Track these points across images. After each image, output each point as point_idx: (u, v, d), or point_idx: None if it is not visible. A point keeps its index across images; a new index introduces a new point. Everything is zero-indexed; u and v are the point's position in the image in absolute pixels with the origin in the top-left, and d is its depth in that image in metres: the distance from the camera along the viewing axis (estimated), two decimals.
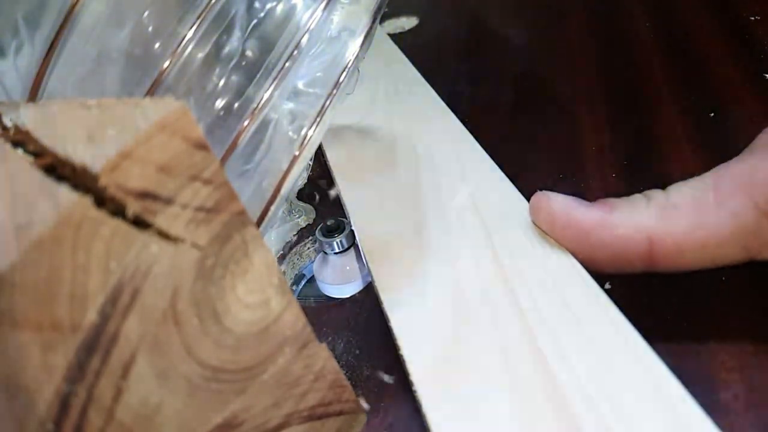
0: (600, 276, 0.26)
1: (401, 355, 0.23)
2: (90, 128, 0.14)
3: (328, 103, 0.27)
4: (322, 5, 0.26)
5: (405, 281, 0.25)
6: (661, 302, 0.25)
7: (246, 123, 0.25)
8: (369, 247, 0.28)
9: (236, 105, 0.26)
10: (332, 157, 0.35)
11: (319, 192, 0.36)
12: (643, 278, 0.26)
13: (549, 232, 0.25)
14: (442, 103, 0.38)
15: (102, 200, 0.14)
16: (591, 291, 0.23)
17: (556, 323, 0.21)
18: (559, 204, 0.24)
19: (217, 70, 0.26)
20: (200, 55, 0.26)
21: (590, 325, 0.21)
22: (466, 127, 0.35)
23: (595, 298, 0.22)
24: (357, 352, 0.26)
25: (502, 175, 0.30)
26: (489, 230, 0.27)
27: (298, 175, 0.28)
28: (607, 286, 0.26)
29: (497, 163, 0.32)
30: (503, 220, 0.27)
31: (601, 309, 0.22)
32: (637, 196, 0.24)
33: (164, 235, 0.15)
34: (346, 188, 0.32)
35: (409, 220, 0.29)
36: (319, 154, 0.36)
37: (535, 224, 0.26)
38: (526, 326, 0.21)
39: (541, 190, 0.26)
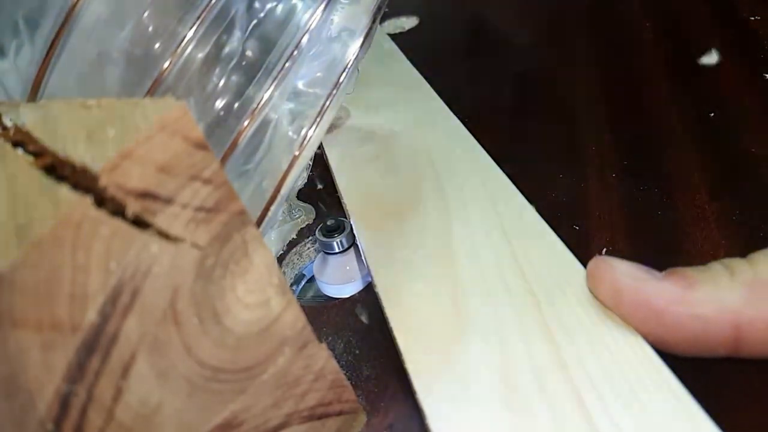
0: None
1: (401, 355, 0.23)
2: (90, 128, 0.14)
3: (328, 103, 0.27)
4: (322, 5, 0.26)
5: (443, 368, 0.21)
6: None
7: (246, 123, 0.25)
8: (396, 317, 0.24)
9: (236, 105, 0.26)
10: (347, 196, 0.32)
11: (319, 192, 0.36)
12: None
13: (613, 307, 0.21)
14: (442, 103, 0.38)
15: (102, 200, 0.14)
16: (665, 382, 0.19)
17: (626, 422, 0.18)
18: (625, 276, 0.21)
19: (217, 70, 0.26)
20: (200, 56, 0.26)
21: (666, 424, 0.18)
22: (466, 127, 0.35)
23: (671, 391, 0.19)
24: (357, 352, 0.26)
25: (545, 225, 0.27)
26: (538, 298, 0.23)
27: (298, 175, 0.28)
28: None
29: (497, 164, 0.32)
30: (553, 286, 0.23)
31: (679, 404, 0.19)
32: (717, 267, 0.21)
33: (164, 235, 0.15)
34: (365, 235, 0.29)
35: (442, 280, 0.25)
36: (319, 154, 0.36)
37: (592, 292, 0.22)
38: (592, 427, 0.18)
39: (540, 189, 0.25)
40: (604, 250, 0.28)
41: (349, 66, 0.27)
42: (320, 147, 0.36)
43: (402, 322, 0.24)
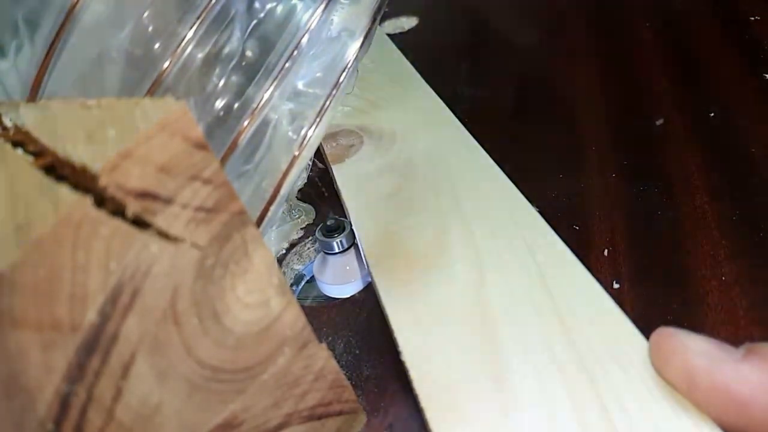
0: (610, 274, 0.26)
1: (401, 355, 0.23)
2: (90, 128, 0.14)
3: (327, 103, 0.27)
4: (322, 6, 0.26)
5: None
6: (663, 302, 0.25)
7: (246, 123, 0.25)
8: (427, 395, 0.20)
9: (236, 105, 0.26)
10: (365, 240, 0.28)
11: (319, 192, 0.36)
12: (650, 280, 0.26)
13: (684, 392, 0.18)
14: (442, 103, 0.38)
15: (102, 200, 0.14)
16: None
17: None
18: (699, 356, 0.17)
19: (217, 70, 0.26)
20: (200, 56, 0.26)
21: None
22: (466, 127, 0.35)
23: None
24: (357, 352, 0.26)
25: (591, 278, 0.23)
26: (590, 372, 0.19)
27: (298, 175, 0.29)
28: (616, 285, 0.26)
29: (497, 164, 0.32)
30: (609, 357, 0.20)
31: None
32: None
33: (164, 235, 0.15)
34: (386, 290, 0.25)
35: (478, 348, 0.21)
36: (319, 154, 0.36)
37: (657, 370, 0.19)
38: None
39: (540, 189, 0.25)
40: (606, 250, 0.28)
41: (349, 66, 0.27)
42: (320, 147, 0.36)
43: (434, 401, 0.20)
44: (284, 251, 0.33)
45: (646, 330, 0.22)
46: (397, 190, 0.31)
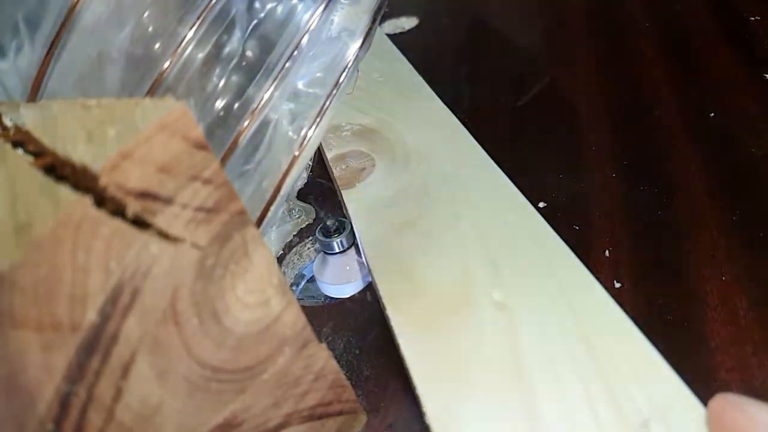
0: (610, 274, 0.26)
1: (402, 355, 0.23)
2: (90, 128, 0.14)
3: (327, 103, 0.27)
4: (322, 6, 0.26)
5: None
6: (663, 302, 0.25)
7: (246, 123, 0.25)
8: None
9: (236, 105, 0.26)
10: (382, 282, 0.25)
11: (319, 192, 0.36)
12: (650, 280, 0.26)
13: None
14: (442, 104, 0.38)
15: (102, 200, 0.14)
16: None
17: None
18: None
19: (218, 70, 0.26)
20: (200, 56, 0.26)
21: None
22: (466, 127, 0.35)
23: None
24: (357, 352, 0.26)
25: (633, 326, 0.21)
26: None
27: (298, 175, 0.28)
28: (619, 282, 0.26)
29: (497, 164, 0.32)
30: (661, 424, 0.18)
31: None
32: None
33: (164, 235, 0.15)
34: (406, 340, 0.23)
35: (514, 415, 0.19)
36: (319, 155, 0.36)
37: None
38: None
39: (540, 189, 0.25)
40: (606, 250, 0.28)
41: (349, 66, 0.27)
42: (320, 147, 0.36)
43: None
44: (284, 251, 0.33)
45: (647, 330, 0.22)
46: (414, 219, 0.28)
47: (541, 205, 0.30)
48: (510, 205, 0.28)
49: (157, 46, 0.24)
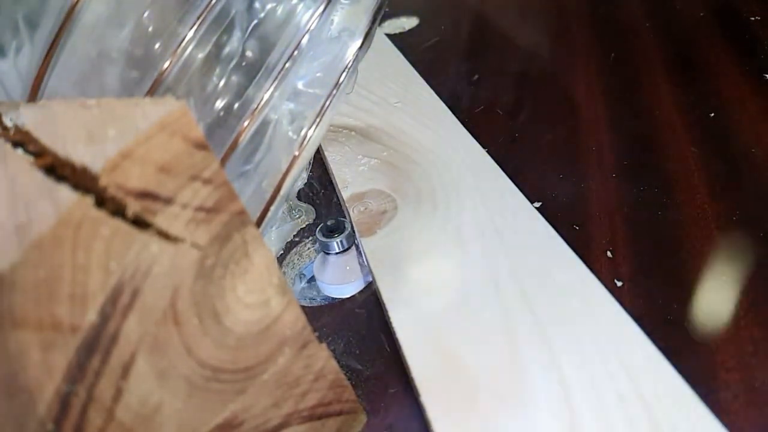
0: (611, 274, 0.26)
1: (402, 356, 0.23)
2: (90, 128, 0.14)
3: (327, 103, 0.27)
4: (322, 6, 0.26)
5: None
6: (663, 302, 0.25)
7: (246, 123, 0.25)
8: None
9: (236, 105, 0.26)
10: (417, 371, 0.22)
11: (319, 192, 0.36)
12: (650, 279, 0.26)
13: None
14: (442, 103, 0.38)
15: (102, 200, 0.14)
16: None
17: None
18: None
19: (218, 70, 0.26)
20: (200, 56, 0.26)
21: None
22: (466, 127, 0.35)
23: None
24: (357, 352, 0.26)
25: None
26: None
27: (298, 175, 0.28)
28: (619, 284, 0.26)
29: (497, 164, 0.32)
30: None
31: None
32: None
33: (164, 235, 0.15)
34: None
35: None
36: (319, 155, 0.36)
37: None
38: None
39: (540, 189, 0.25)
40: (606, 251, 0.28)
41: (349, 66, 0.27)
42: (320, 147, 0.36)
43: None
44: (284, 251, 0.33)
45: (647, 330, 0.22)
46: (447, 278, 0.25)
47: (536, 204, 0.30)
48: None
49: (157, 46, 0.24)
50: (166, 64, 0.23)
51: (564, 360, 0.21)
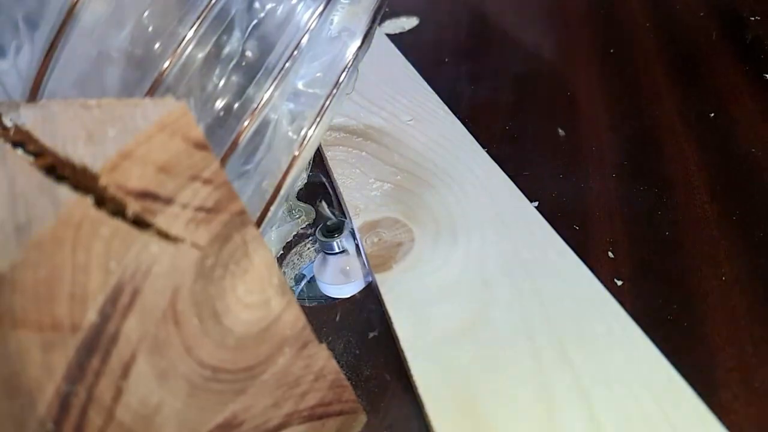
0: (611, 274, 0.26)
1: (403, 355, 0.23)
2: (90, 128, 0.14)
3: (327, 103, 0.27)
4: (322, 6, 0.26)
5: None
6: (663, 302, 0.25)
7: (246, 123, 0.25)
8: None
9: (236, 105, 0.26)
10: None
11: (319, 192, 0.36)
12: (650, 279, 0.26)
13: None
14: (442, 103, 0.38)
15: (102, 200, 0.14)
16: None
17: None
18: None
19: (218, 70, 0.26)
20: (200, 56, 0.26)
21: None
22: (466, 127, 0.35)
23: None
24: (357, 352, 0.26)
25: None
26: None
27: (298, 175, 0.28)
28: (619, 282, 0.26)
29: (497, 164, 0.32)
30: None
31: None
32: None
33: (164, 235, 0.15)
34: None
35: None
36: (319, 155, 0.36)
37: None
38: None
39: (540, 189, 0.25)
40: (606, 251, 0.28)
41: (348, 66, 0.27)
42: (320, 147, 0.36)
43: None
44: (284, 252, 0.33)
45: (647, 330, 0.22)
46: (473, 320, 0.23)
47: (534, 204, 0.30)
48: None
49: (157, 46, 0.24)
50: (166, 64, 0.23)
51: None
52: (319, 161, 0.36)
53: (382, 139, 0.35)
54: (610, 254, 0.27)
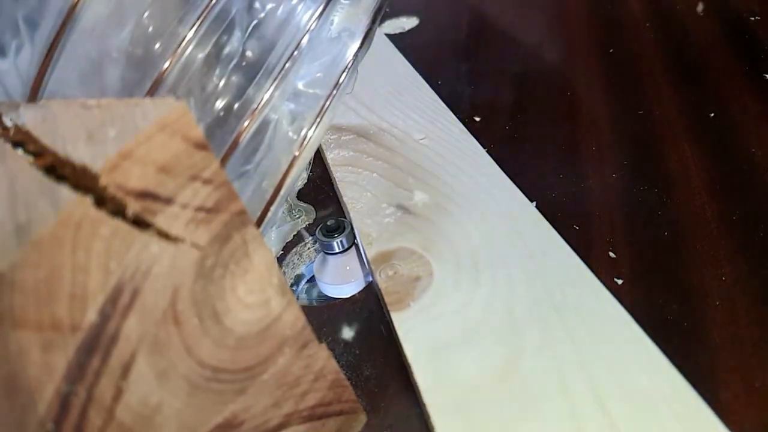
0: (611, 274, 0.26)
1: (403, 355, 0.23)
2: (90, 128, 0.14)
3: (327, 103, 0.27)
4: (322, 6, 0.26)
5: None
6: (663, 302, 0.25)
7: (246, 123, 0.25)
8: None
9: (236, 105, 0.26)
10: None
11: (319, 192, 0.36)
12: (650, 279, 0.26)
13: None
14: (442, 103, 0.38)
15: (102, 200, 0.14)
16: None
17: None
18: None
19: (218, 70, 0.26)
20: (200, 56, 0.26)
21: None
22: (466, 127, 0.35)
23: None
24: (357, 352, 0.26)
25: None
26: None
27: (298, 175, 0.28)
28: (619, 282, 0.26)
29: (497, 164, 0.32)
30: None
31: None
32: None
33: (164, 235, 0.15)
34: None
35: None
36: (319, 155, 0.36)
37: None
38: None
39: (540, 189, 0.25)
40: (606, 251, 0.28)
41: (349, 66, 0.27)
42: (320, 148, 0.36)
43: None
44: (284, 251, 0.33)
45: (647, 330, 0.22)
46: (502, 368, 0.21)
47: (541, 205, 0.30)
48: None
49: (157, 46, 0.24)
50: (166, 64, 0.23)
51: None
52: (320, 163, 0.36)
53: (394, 159, 0.33)
54: (611, 254, 0.27)
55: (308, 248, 0.33)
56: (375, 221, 0.29)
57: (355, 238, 0.30)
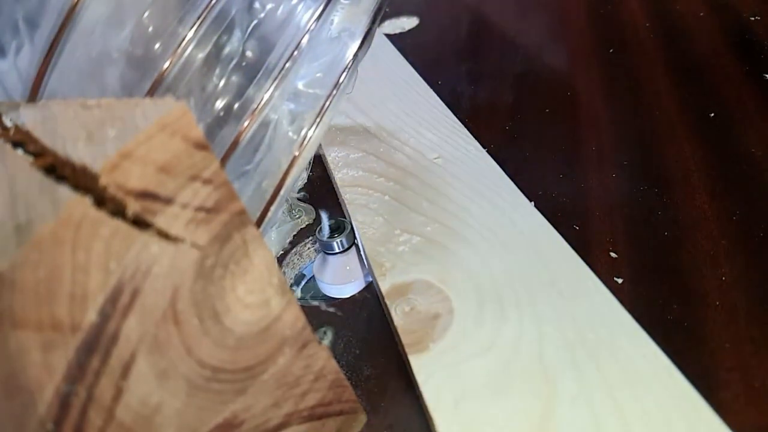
0: (611, 273, 0.26)
1: (404, 355, 0.23)
2: (90, 128, 0.14)
3: (327, 103, 0.27)
4: (322, 6, 0.26)
5: None
6: (663, 302, 0.25)
7: (246, 123, 0.25)
8: None
9: (236, 105, 0.26)
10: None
11: (319, 192, 0.36)
12: (650, 279, 0.26)
13: None
14: (442, 103, 0.38)
15: (102, 200, 0.14)
16: None
17: None
18: None
19: (218, 70, 0.26)
20: (200, 56, 0.26)
21: None
22: (466, 127, 0.35)
23: None
24: (357, 352, 0.26)
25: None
26: None
27: (298, 175, 0.28)
28: (619, 281, 0.26)
29: (497, 164, 0.32)
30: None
31: None
32: None
33: (164, 235, 0.15)
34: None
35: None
36: (319, 155, 0.36)
37: None
38: None
39: (540, 188, 0.25)
40: (606, 251, 0.28)
41: (349, 66, 0.27)
42: (320, 148, 0.36)
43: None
44: (284, 251, 0.33)
45: (647, 330, 0.22)
46: (534, 420, 0.19)
47: (541, 204, 0.30)
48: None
49: (157, 46, 0.24)
50: (166, 64, 0.23)
51: None
52: (320, 163, 0.36)
53: (407, 180, 0.31)
54: (611, 254, 0.27)
55: (308, 248, 0.33)
56: (388, 249, 0.27)
57: (355, 238, 0.30)
